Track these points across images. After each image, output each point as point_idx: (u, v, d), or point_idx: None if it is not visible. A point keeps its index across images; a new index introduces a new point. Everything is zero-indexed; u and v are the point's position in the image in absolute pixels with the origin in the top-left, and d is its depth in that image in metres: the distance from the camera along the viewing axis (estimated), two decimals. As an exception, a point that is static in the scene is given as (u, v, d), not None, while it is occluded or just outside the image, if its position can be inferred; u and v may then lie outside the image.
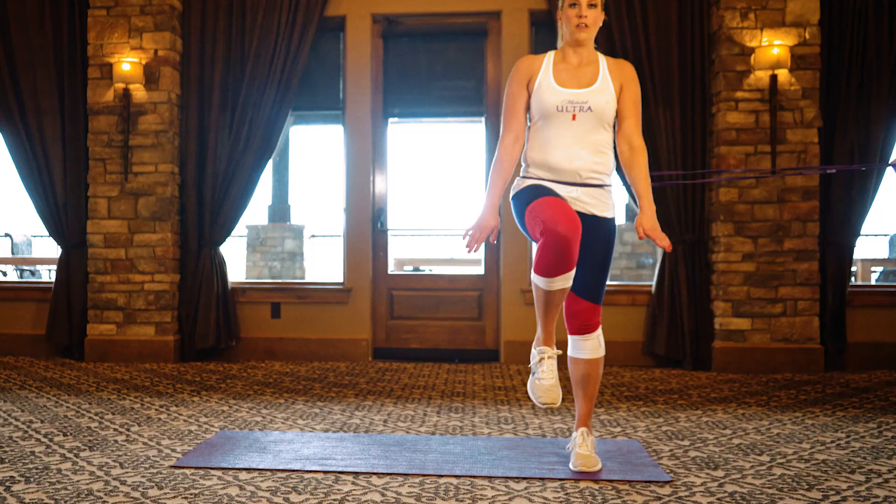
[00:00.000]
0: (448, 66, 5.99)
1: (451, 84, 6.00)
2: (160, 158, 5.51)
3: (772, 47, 5.19)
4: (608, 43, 5.43)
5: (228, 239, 5.83)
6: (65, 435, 3.37)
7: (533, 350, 2.93)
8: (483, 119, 5.88)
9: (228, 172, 5.60)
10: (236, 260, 9.01)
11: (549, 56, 2.92)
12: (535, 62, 2.92)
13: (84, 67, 5.62)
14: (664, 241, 2.73)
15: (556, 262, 2.63)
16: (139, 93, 5.47)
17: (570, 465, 2.83)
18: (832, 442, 3.25)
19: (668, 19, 5.44)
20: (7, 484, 2.66)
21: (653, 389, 4.57)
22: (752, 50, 5.24)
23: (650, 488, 2.61)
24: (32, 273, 8.39)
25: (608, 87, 2.82)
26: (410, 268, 8.78)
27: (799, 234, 5.24)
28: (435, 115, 6.23)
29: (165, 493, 2.56)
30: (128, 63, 5.39)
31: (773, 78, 5.20)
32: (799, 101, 5.22)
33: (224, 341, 5.63)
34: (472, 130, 7.58)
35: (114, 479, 2.73)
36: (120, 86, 5.44)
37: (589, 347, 2.89)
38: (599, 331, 2.91)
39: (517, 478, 2.75)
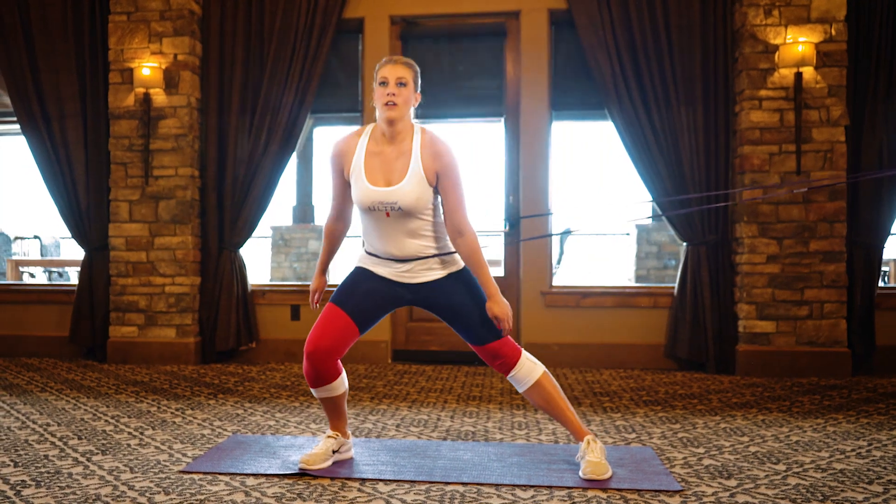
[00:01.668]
0: (467, 67, 5.96)
1: (471, 84, 5.97)
2: (180, 162, 5.55)
3: (797, 44, 5.08)
4: (629, 42, 5.36)
5: (253, 240, 5.86)
6: (79, 438, 3.40)
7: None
8: (503, 119, 5.84)
9: (248, 175, 5.63)
10: (261, 261, 9.05)
11: (365, 136, 2.87)
12: (348, 147, 2.88)
13: (105, 72, 5.68)
14: (504, 326, 2.82)
15: (310, 376, 2.89)
16: (159, 97, 5.51)
17: (580, 473, 2.79)
18: (852, 450, 3.17)
19: (690, 17, 5.35)
20: (18, 488, 2.69)
21: (672, 394, 4.50)
22: (777, 47, 5.14)
23: (659, 498, 2.56)
24: (60, 275, 8.52)
25: (419, 179, 2.77)
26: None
27: (825, 234, 5.12)
28: (454, 116, 6.17)
29: (172, 499, 2.57)
30: (148, 68, 5.44)
31: (798, 76, 5.09)
32: (825, 99, 5.11)
33: (244, 343, 5.66)
34: (491, 130, 7.54)
35: (122, 483, 2.75)
36: (140, 90, 5.48)
37: (522, 377, 2.91)
38: (523, 357, 2.91)
39: (525, 486, 2.71)
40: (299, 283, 7.14)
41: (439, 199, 2.86)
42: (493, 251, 6.41)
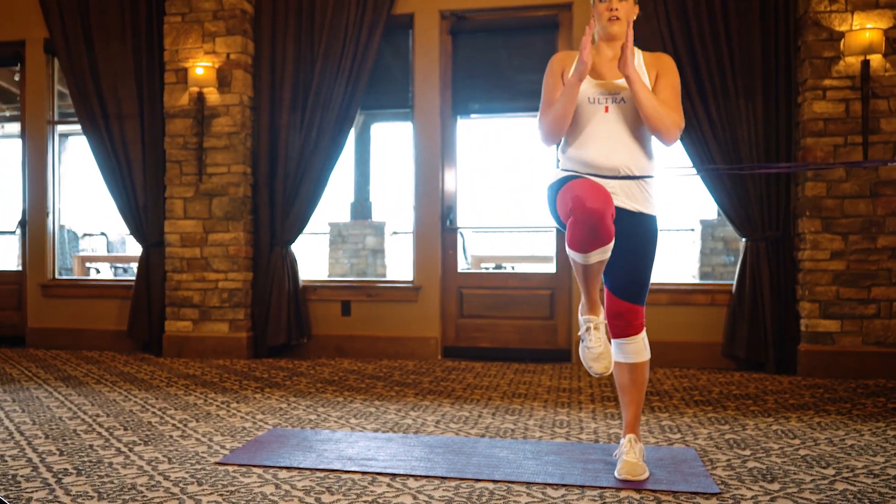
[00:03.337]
0: (518, 61, 5.89)
1: (522, 79, 5.89)
2: (233, 159, 5.64)
3: (864, 31, 4.85)
4: (684, 30, 5.21)
5: (312, 236, 5.91)
6: (125, 429, 3.47)
7: (580, 318, 2.79)
8: (554, 114, 5.74)
9: (299, 172, 5.68)
10: (319, 257, 9.17)
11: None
12: (568, 57, 2.84)
13: (161, 73, 5.82)
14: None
15: (589, 238, 2.50)
16: (212, 96, 5.61)
17: (615, 473, 2.71)
18: (911, 456, 2.99)
19: (749, 4, 5.17)
20: (59, 476, 2.76)
21: (727, 394, 4.34)
22: (842, 35, 4.91)
23: (695, 500, 2.46)
24: (125, 270, 8.78)
25: (643, 75, 2.71)
26: (492, 265, 8.71)
27: (894, 230, 4.88)
28: (508, 111, 6.13)
29: (203, 490, 2.59)
30: (201, 67, 5.54)
31: (866, 64, 4.86)
32: (895, 88, 4.86)
33: (295, 338, 5.72)
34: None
35: (159, 474, 2.78)
36: (194, 89, 5.59)
37: (632, 351, 2.77)
38: (643, 333, 2.78)
39: (556, 485, 2.64)
40: (351, 279, 7.20)
41: None
42: (544, 247, 6.33)
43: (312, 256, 9.05)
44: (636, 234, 2.72)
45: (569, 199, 2.54)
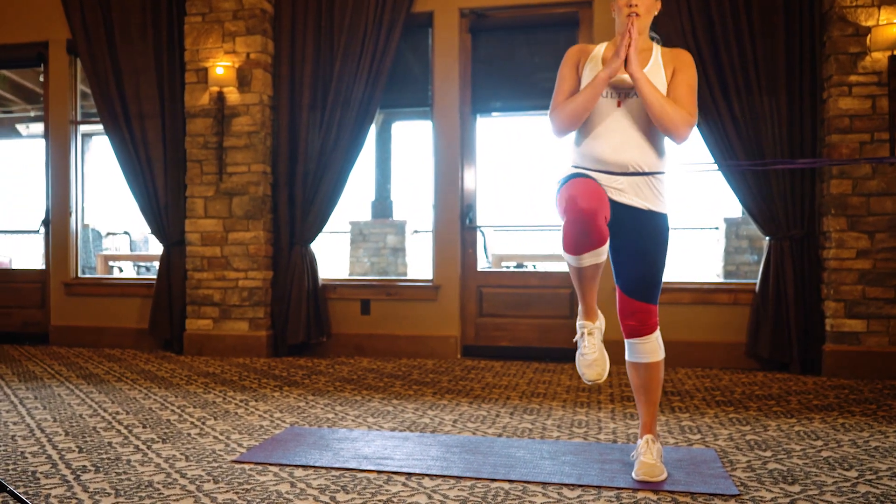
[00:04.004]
0: (538, 59, 5.85)
1: (543, 76, 5.85)
2: (252, 159, 5.66)
3: (891, 26, 4.77)
4: (707, 25, 5.14)
5: (333, 235, 5.91)
6: (144, 427, 3.49)
7: (577, 324, 2.83)
8: (576, 111, 5.69)
9: (318, 171, 5.69)
10: (340, 256, 9.19)
11: (602, 45, 2.80)
12: (585, 48, 2.81)
13: (182, 72, 5.86)
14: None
15: (581, 239, 2.51)
16: (232, 95, 5.63)
17: (633, 474, 2.68)
18: (937, 458, 2.93)
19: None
20: (78, 472, 2.78)
21: (749, 395, 4.28)
22: (868, 30, 4.83)
23: (713, 502, 2.42)
24: (148, 269, 8.86)
25: (659, 72, 2.66)
26: (513, 263, 8.68)
27: (922, 228, 4.79)
28: (525, 109, 6.10)
29: (219, 487, 2.60)
30: (221, 67, 5.56)
31: (893, 59, 4.77)
32: (922, 84, 4.77)
33: (315, 337, 5.72)
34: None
35: (176, 471, 2.80)
36: (214, 89, 5.61)
37: (646, 351, 2.74)
38: (657, 333, 2.75)
39: (573, 485, 2.62)
40: (371, 277, 7.19)
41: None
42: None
43: (333, 255, 9.07)
44: (645, 233, 2.69)
45: (563, 199, 2.54)
